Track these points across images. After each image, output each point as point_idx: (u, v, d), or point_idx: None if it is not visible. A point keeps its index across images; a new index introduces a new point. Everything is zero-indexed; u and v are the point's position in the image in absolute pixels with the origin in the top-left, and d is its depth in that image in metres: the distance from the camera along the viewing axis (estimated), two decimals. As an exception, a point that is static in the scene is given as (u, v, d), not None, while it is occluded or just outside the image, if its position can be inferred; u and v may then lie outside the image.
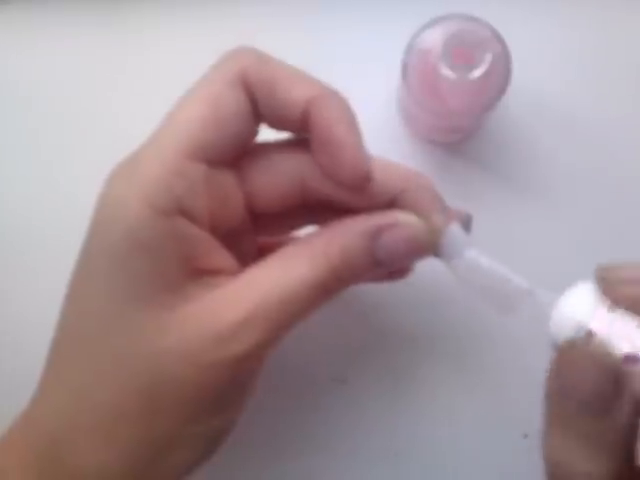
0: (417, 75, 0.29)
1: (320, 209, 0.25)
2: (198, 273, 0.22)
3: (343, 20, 0.35)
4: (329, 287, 0.23)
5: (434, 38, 0.29)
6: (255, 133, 0.24)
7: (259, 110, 0.23)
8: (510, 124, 0.34)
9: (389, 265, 0.23)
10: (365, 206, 0.24)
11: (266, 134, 0.25)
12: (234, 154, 0.23)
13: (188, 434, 0.22)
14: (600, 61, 0.34)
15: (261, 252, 0.25)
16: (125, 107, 0.35)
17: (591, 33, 0.34)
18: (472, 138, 0.34)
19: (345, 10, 0.35)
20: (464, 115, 0.30)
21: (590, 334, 0.18)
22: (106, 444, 0.21)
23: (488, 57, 0.27)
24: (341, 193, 0.24)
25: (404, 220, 0.23)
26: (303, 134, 0.24)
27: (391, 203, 0.24)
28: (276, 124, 0.24)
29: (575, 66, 0.34)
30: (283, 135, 0.25)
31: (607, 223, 0.33)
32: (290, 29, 0.35)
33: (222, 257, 0.23)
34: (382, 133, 0.34)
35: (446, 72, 0.27)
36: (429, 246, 0.23)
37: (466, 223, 0.25)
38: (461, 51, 0.27)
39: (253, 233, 0.26)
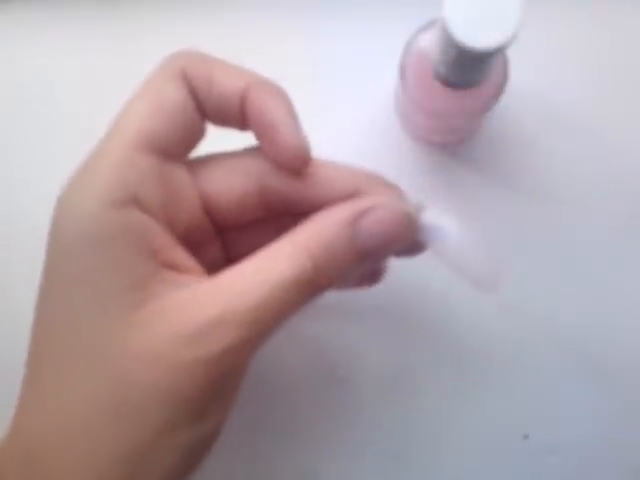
0: (415, 76, 0.29)
1: (285, 224, 0.24)
2: (162, 268, 0.21)
3: (342, 21, 0.35)
4: (313, 283, 0.22)
5: (432, 39, 0.28)
6: (202, 130, 0.24)
7: (202, 105, 0.23)
8: (509, 125, 0.34)
9: (373, 253, 0.22)
10: (325, 205, 0.23)
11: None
12: (182, 148, 0.24)
13: (166, 444, 0.20)
14: (600, 61, 0.34)
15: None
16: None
17: (591, 33, 0.34)
18: (471, 139, 0.34)
19: (344, 11, 0.35)
20: (462, 116, 0.30)
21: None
22: (76, 463, 0.20)
23: (487, 58, 0.27)
24: (296, 187, 0.24)
25: (382, 202, 0.23)
26: (245, 128, 0.24)
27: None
28: (219, 119, 0.24)
29: (575, 66, 0.34)
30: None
31: (607, 223, 0.33)
32: (289, 30, 0.35)
33: (183, 255, 0.23)
34: (380, 134, 0.34)
35: (445, 73, 0.27)
36: (411, 226, 0.23)
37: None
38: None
39: (219, 246, 0.26)
